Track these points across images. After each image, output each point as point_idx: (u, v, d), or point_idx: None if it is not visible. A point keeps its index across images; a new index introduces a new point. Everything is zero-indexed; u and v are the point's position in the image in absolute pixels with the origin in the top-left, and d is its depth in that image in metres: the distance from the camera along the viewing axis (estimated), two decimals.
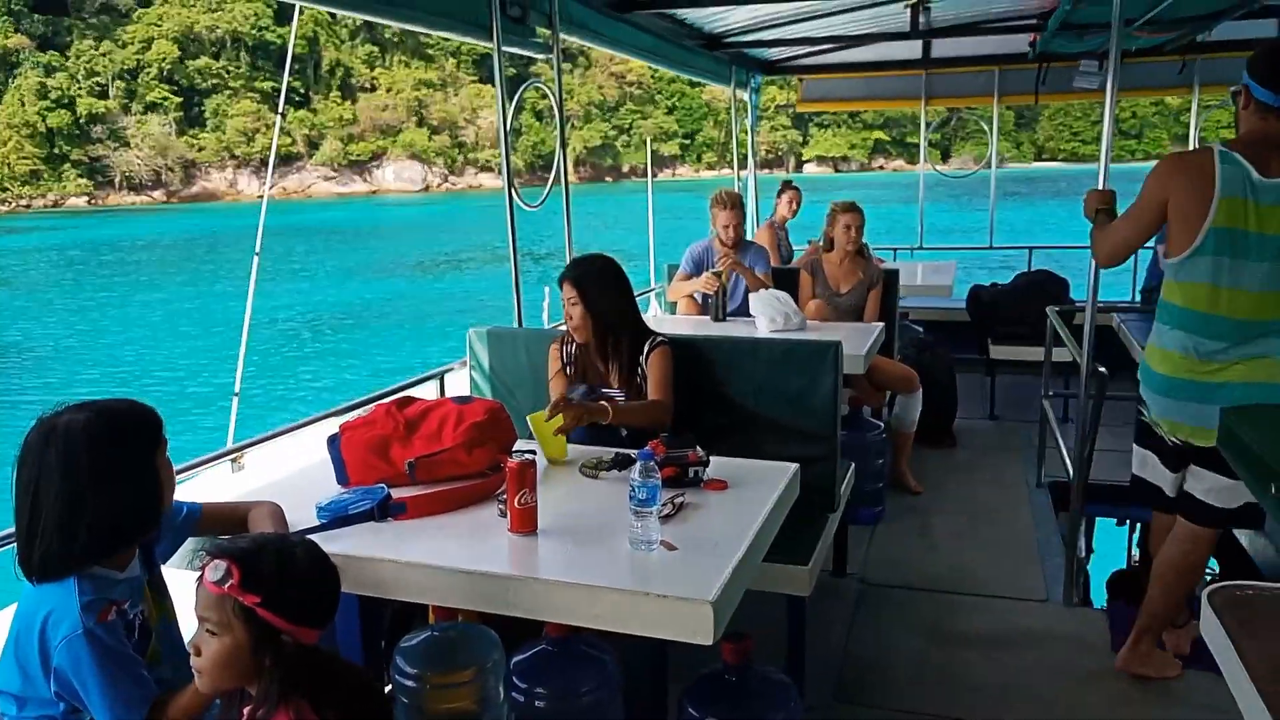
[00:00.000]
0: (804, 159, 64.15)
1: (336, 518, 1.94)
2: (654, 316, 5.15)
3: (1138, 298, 6.85)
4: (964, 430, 5.48)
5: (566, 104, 4.11)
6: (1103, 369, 3.25)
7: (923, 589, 3.55)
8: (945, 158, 53.25)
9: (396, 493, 2.07)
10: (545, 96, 4.03)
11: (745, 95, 7.46)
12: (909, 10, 5.86)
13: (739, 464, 2.43)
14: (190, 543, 1.88)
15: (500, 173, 3.78)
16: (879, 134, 62.49)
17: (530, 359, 3.25)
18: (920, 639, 3.17)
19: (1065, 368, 4.80)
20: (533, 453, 2.32)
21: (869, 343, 3.94)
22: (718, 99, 58.66)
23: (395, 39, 62.22)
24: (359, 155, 61.41)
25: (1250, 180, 2.29)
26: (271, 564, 1.39)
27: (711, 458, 2.26)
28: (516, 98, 3.92)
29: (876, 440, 4.18)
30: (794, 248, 6.40)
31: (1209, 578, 3.85)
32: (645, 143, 60.32)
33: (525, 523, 1.90)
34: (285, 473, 2.44)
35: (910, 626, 3.25)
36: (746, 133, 7.71)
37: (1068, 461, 3.52)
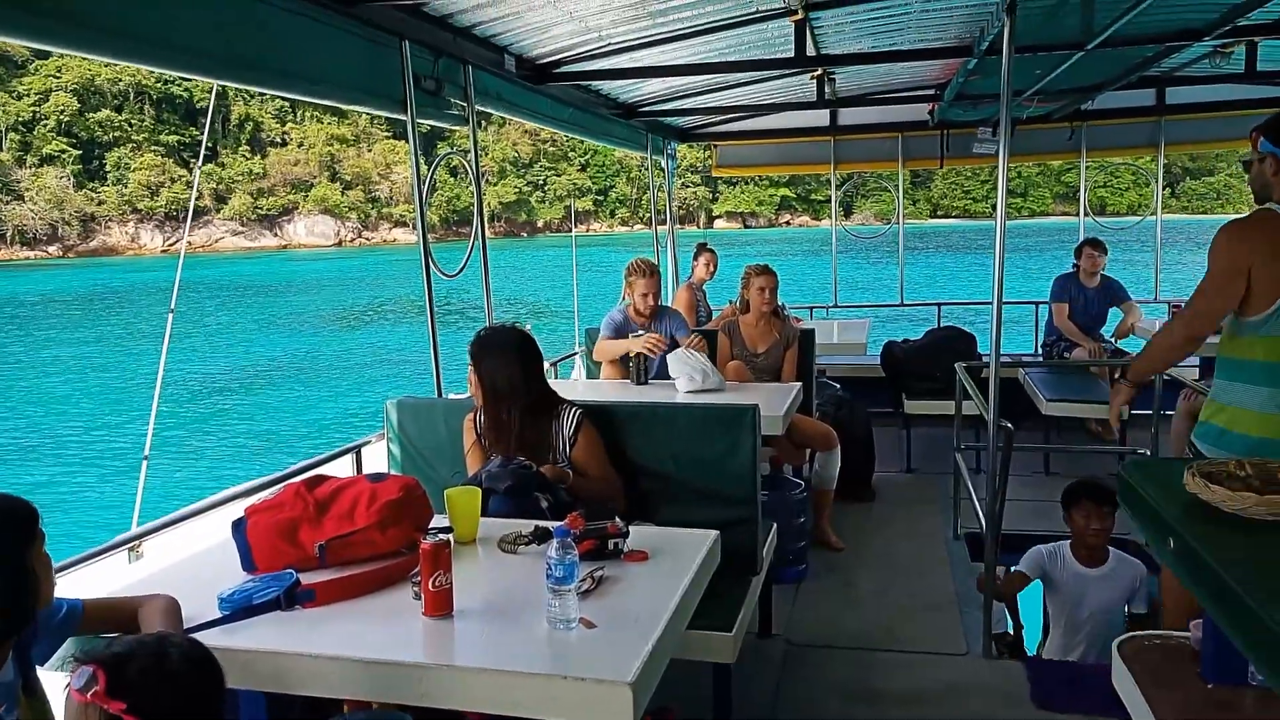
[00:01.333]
0: (714, 214, 65.83)
1: (240, 609, 1.86)
2: (577, 381, 5.15)
3: (1040, 353, 7.17)
4: (883, 484, 5.58)
5: (481, 160, 4.14)
6: (1008, 423, 3.36)
7: (847, 647, 3.57)
8: (848, 214, 55.64)
9: (307, 578, 2.00)
10: (457, 157, 4.06)
11: (662, 161, 7.64)
12: (815, 81, 6.11)
13: (660, 533, 2.43)
14: (69, 643, 1.77)
15: (415, 229, 3.77)
16: (785, 191, 64.67)
17: (450, 430, 3.20)
18: (846, 699, 3.18)
19: (975, 420, 4.96)
20: (450, 530, 2.29)
21: (787, 402, 4.01)
22: (630, 157, 59.82)
23: None
24: (269, 210, 60.28)
25: None
26: (142, 667, 1.31)
27: (632, 527, 2.25)
28: (434, 168, 3.94)
29: (798, 499, 4.23)
30: (712, 308, 6.50)
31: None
32: (559, 199, 60.97)
33: (440, 606, 1.85)
34: (187, 559, 2.34)
35: (836, 687, 3.26)
36: (665, 195, 7.87)
37: (980, 513, 3.62)
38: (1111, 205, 50.09)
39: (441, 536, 1.89)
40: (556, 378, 5.05)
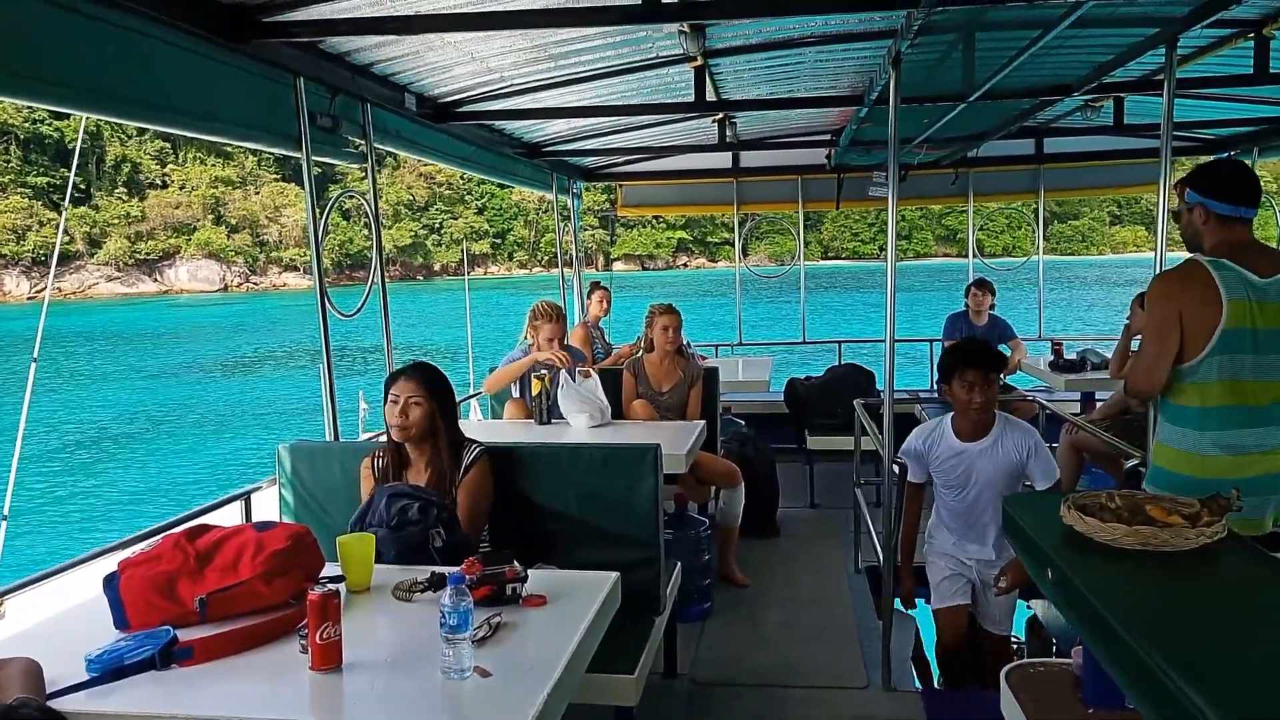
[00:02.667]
0: (613, 257, 66.15)
1: (109, 670, 1.76)
2: (477, 422, 5.08)
3: (935, 388, 7.43)
4: (787, 519, 5.66)
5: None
6: (903, 457, 3.46)
7: (752, 684, 3.58)
8: (744, 255, 57.11)
9: (186, 634, 1.90)
10: (353, 197, 4.00)
11: (567, 200, 7.68)
12: (717, 125, 6.27)
13: (559, 576, 2.41)
14: None
15: (307, 272, 3.68)
16: (681, 234, 64.96)
17: (345, 474, 3.11)
18: None
19: (875, 455, 5.09)
20: (342, 579, 2.22)
21: (691, 440, 4.04)
22: (527, 200, 59.33)
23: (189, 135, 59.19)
24: (148, 254, 57.35)
25: (1248, 282, 2.49)
26: None
27: (532, 571, 2.22)
28: (329, 207, 3.87)
29: (702, 537, 4.26)
30: (611, 345, 6.54)
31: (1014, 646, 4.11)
32: (456, 241, 60.17)
33: (328, 659, 1.78)
34: (53, 618, 2.19)
35: None
36: (570, 235, 7.90)
37: (878, 547, 3.70)
38: (989, 247, 52.75)
39: (331, 586, 1.83)
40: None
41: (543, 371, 4.47)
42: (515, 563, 2.13)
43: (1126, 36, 3.87)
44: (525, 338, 4.77)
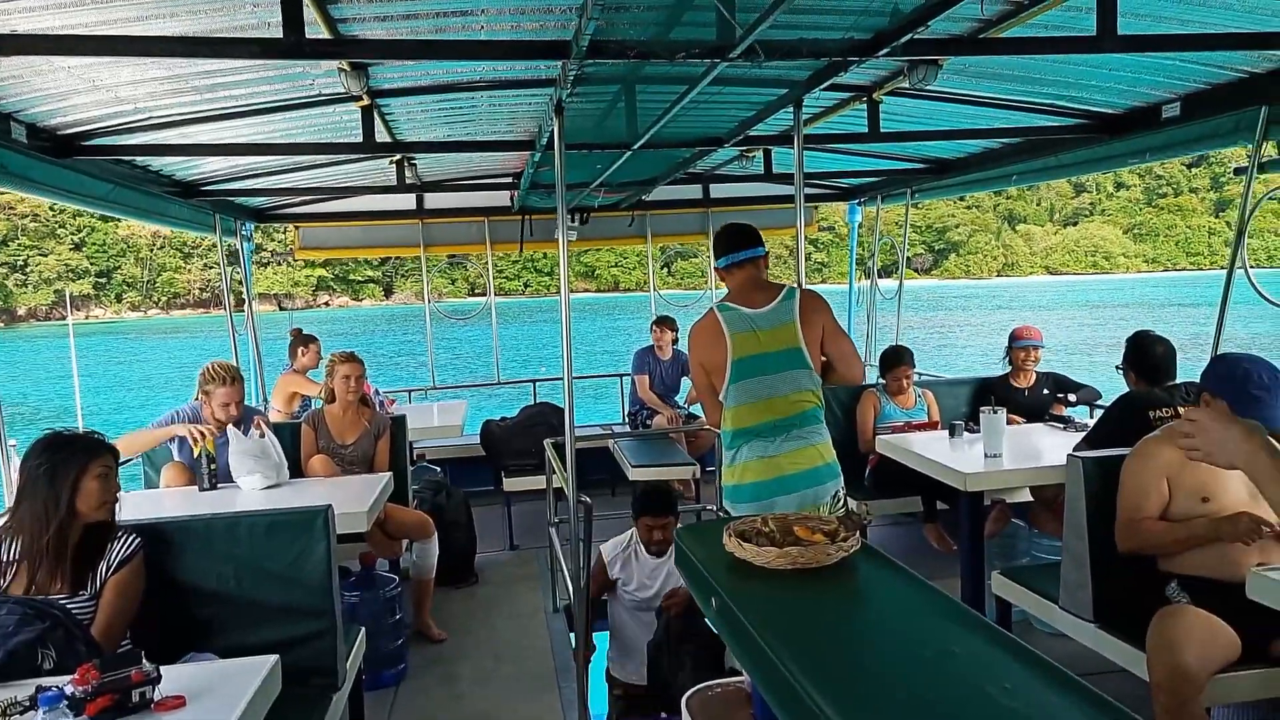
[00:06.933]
0: (249, 296, 61.20)
1: None
2: (129, 494, 4.47)
3: (626, 421, 7.73)
4: (486, 564, 5.57)
5: None
6: (586, 497, 3.52)
7: None
8: (388, 294, 56.57)
9: None
10: None
11: (235, 243, 7.09)
12: (395, 166, 6.10)
13: (211, 668, 2.14)
14: None
15: None
16: (321, 271, 60.86)
17: None
18: None
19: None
20: None
21: (375, 496, 3.82)
22: (138, 235, 53.73)
23: None
24: None
25: (746, 315, 3.00)
26: None
27: (179, 665, 1.96)
28: None
29: (392, 596, 4.05)
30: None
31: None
32: (47, 281, 52.92)
33: None
34: None
35: None
36: (240, 279, 7.29)
37: (569, 585, 3.72)
38: (623, 282, 56.74)
39: None
40: None
41: (202, 429, 4.02)
42: (144, 662, 1.85)
43: (763, 96, 4.29)
44: (198, 396, 4.26)
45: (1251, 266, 4.03)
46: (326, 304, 61.38)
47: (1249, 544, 2.62)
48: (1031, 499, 4.53)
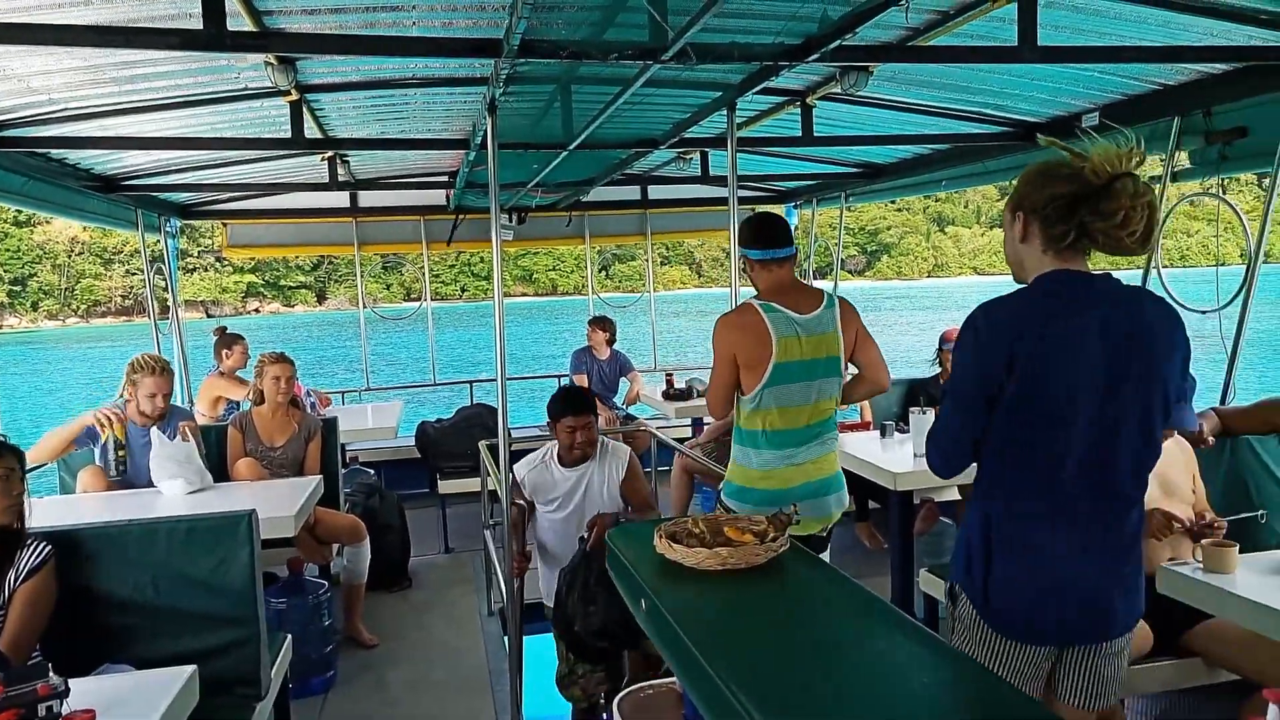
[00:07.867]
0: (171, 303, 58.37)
1: None
2: (42, 500, 4.31)
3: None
4: (420, 568, 5.49)
5: None
6: (521, 501, 3.49)
7: None
8: (321, 300, 55.53)
9: None
10: None
11: (160, 240, 6.86)
12: (327, 163, 5.97)
13: (126, 680, 2.08)
14: None
15: None
16: (251, 277, 57.81)
17: None
18: None
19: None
20: None
21: (303, 499, 3.74)
22: (54, 240, 51.46)
23: None
24: None
25: (791, 319, 2.86)
26: None
27: (93, 677, 1.90)
28: None
29: (321, 601, 3.96)
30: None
31: None
32: None
33: None
34: None
35: None
36: (165, 280, 7.06)
37: (503, 588, 3.69)
38: (561, 286, 56.56)
39: None
40: None
41: (109, 413, 3.87)
42: (52, 675, 1.78)
43: (698, 98, 4.31)
44: (122, 394, 4.11)
45: (1165, 267, 4.21)
46: (257, 310, 59.08)
47: (1160, 539, 2.72)
48: (959, 497, 4.64)
